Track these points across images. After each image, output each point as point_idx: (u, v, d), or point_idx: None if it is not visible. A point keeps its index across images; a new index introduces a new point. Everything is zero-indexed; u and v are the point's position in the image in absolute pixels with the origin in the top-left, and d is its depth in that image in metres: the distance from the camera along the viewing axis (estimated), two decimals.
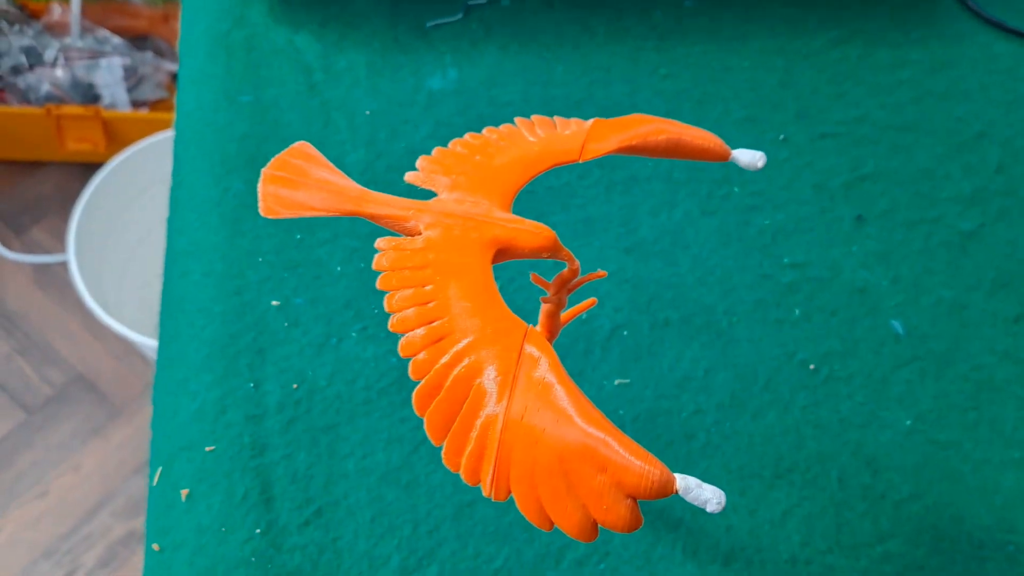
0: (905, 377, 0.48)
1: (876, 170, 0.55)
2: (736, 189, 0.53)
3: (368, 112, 0.52)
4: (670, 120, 0.34)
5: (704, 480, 0.44)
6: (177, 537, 0.40)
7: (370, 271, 0.43)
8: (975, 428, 0.46)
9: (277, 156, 0.32)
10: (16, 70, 1.31)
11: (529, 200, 0.51)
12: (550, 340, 0.36)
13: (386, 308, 0.29)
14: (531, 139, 0.33)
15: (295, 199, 0.31)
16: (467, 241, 0.30)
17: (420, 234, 0.30)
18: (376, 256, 0.30)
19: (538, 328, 0.36)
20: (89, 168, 1.32)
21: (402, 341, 0.28)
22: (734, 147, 0.52)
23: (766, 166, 0.54)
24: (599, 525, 0.27)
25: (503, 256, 0.30)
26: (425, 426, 0.28)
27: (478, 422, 0.27)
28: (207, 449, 0.42)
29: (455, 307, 0.28)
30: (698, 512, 0.43)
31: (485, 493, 0.27)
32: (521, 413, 0.27)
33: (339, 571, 0.40)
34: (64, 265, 1.28)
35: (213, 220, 0.48)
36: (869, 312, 0.50)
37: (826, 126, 0.56)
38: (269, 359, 0.44)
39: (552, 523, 0.27)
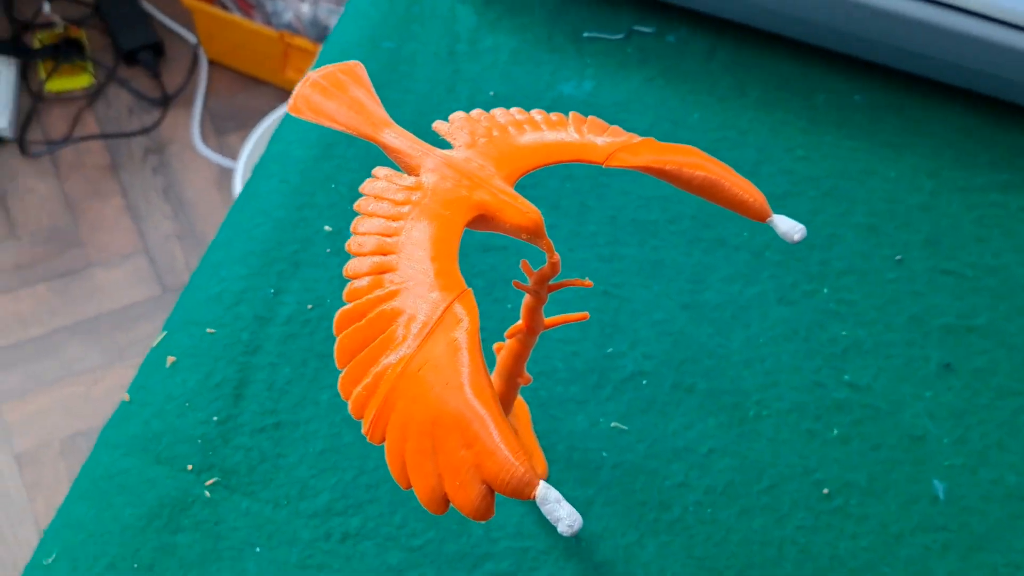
0: (925, 542, 0.43)
1: (988, 325, 0.50)
2: (825, 290, 0.50)
3: (492, 93, 0.53)
4: (718, 162, 0.33)
5: (657, 557, 0.42)
6: (147, 396, 0.42)
7: None
8: None
9: (328, 67, 0.33)
10: None
11: (608, 226, 0.50)
12: (531, 335, 0.35)
13: (351, 228, 0.29)
14: (573, 133, 0.33)
15: (323, 107, 0.32)
16: (455, 195, 0.29)
17: (418, 175, 0.30)
18: (367, 180, 0.30)
19: (520, 322, 0.35)
20: None
21: (351, 263, 0.29)
22: (844, 249, 0.49)
23: (869, 280, 0.50)
24: (449, 502, 0.26)
25: (484, 224, 0.30)
26: (335, 346, 0.28)
27: (383, 359, 0.27)
28: (208, 330, 0.43)
29: (411, 248, 0.28)
30: None
31: (363, 431, 0.27)
32: (420, 365, 0.26)
33: (269, 485, 0.40)
34: None
35: (311, 138, 0.50)
36: (915, 462, 0.45)
37: (952, 263, 0.52)
38: (299, 275, 0.45)
39: (409, 483, 0.26)
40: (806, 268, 0.50)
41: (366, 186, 0.30)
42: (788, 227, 0.32)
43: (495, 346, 0.38)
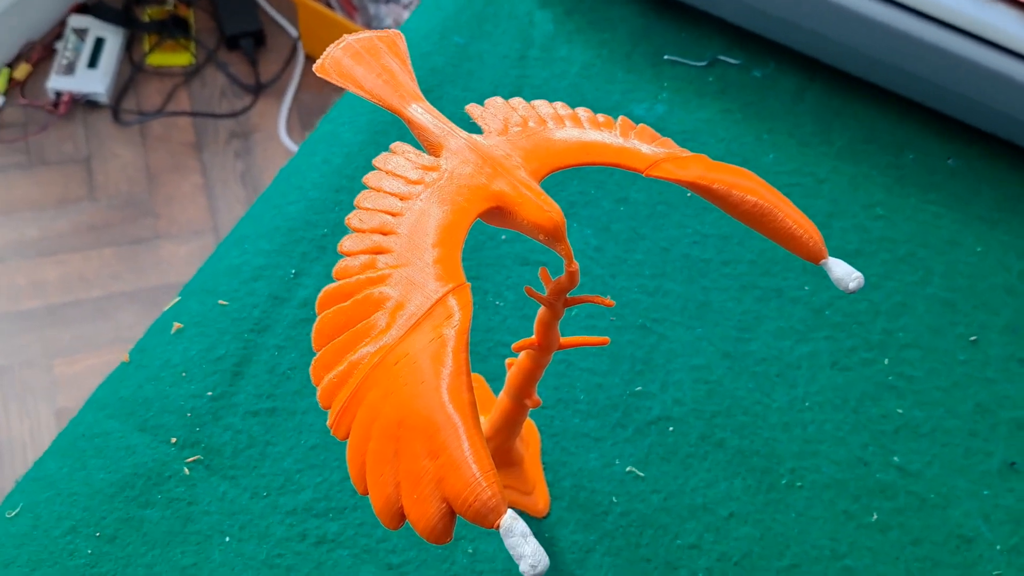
0: None
1: None
2: (886, 361, 0.45)
3: None
4: (775, 190, 0.29)
5: None
6: (145, 359, 0.40)
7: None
8: None
9: (366, 32, 0.31)
10: None
11: (658, 258, 0.47)
12: (543, 352, 0.32)
13: (356, 203, 0.27)
14: (617, 137, 0.30)
15: (352, 72, 0.30)
16: (473, 182, 0.27)
17: (439, 156, 0.28)
18: (383, 154, 0.28)
19: (533, 336, 0.32)
20: None
21: (347, 238, 0.26)
22: (912, 320, 0.45)
23: (936, 358, 0.46)
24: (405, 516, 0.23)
25: (500, 218, 0.27)
26: (315, 325, 0.25)
27: (361, 348, 0.24)
28: (220, 302, 0.42)
29: (414, 232, 0.26)
30: None
31: (328, 423, 0.24)
32: (399, 358, 0.24)
33: (252, 472, 0.38)
34: None
35: (361, 122, 0.48)
36: (961, 566, 0.40)
37: None
38: (323, 259, 0.43)
39: (366, 488, 0.23)
40: (867, 334, 0.46)
41: (380, 160, 0.28)
42: (843, 272, 0.28)
43: (507, 361, 0.35)
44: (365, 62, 0.30)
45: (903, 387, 0.45)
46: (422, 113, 0.28)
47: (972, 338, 0.47)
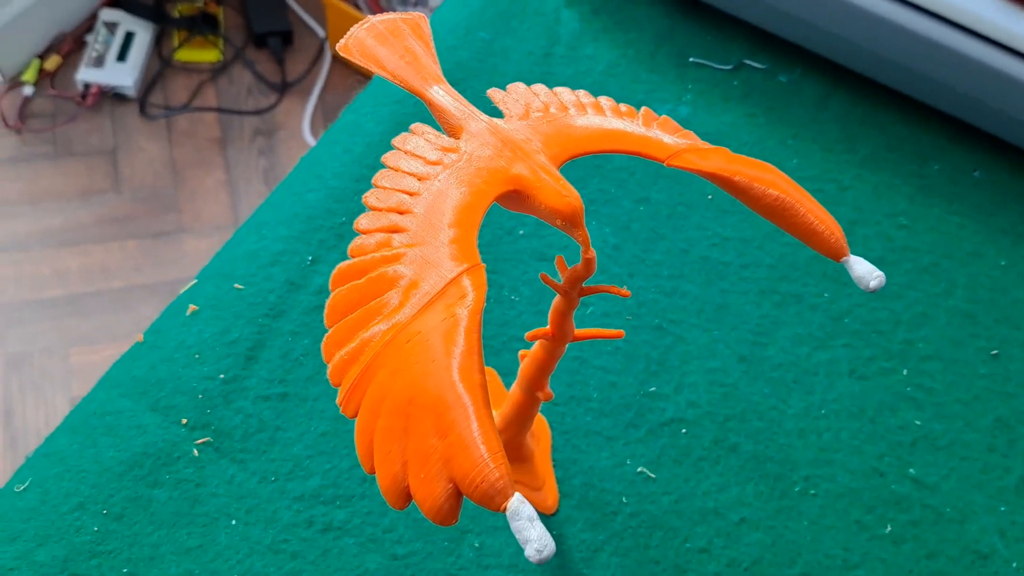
0: None
1: None
2: (905, 372, 0.45)
3: None
4: (797, 185, 0.29)
5: None
6: (160, 340, 0.40)
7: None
8: None
9: (390, 15, 0.31)
10: (404, 0, 1.44)
11: (676, 259, 0.46)
12: (557, 343, 0.32)
13: (373, 181, 0.27)
14: (640, 126, 0.30)
15: (375, 52, 0.29)
16: (492, 164, 0.27)
17: (459, 138, 0.28)
18: (402, 134, 0.28)
19: (548, 327, 0.32)
20: None
21: (365, 217, 0.26)
22: (933, 331, 0.44)
23: (957, 370, 0.45)
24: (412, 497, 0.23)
25: (518, 202, 0.27)
26: (328, 302, 0.25)
27: (373, 325, 0.24)
28: (236, 286, 0.42)
29: (431, 212, 0.26)
30: None
31: (338, 400, 0.24)
32: (411, 336, 0.23)
33: (260, 457, 0.38)
34: None
35: (383, 113, 0.48)
36: None
37: None
38: (341, 247, 0.43)
39: (373, 467, 0.23)
40: (887, 344, 0.45)
41: (399, 140, 0.27)
42: (864, 270, 0.28)
43: (520, 353, 0.35)
44: (388, 43, 0.30)
45: (922, 398, 0.44)
46: (443, 95, 0.28)
47: (993, 352, 0.46)
